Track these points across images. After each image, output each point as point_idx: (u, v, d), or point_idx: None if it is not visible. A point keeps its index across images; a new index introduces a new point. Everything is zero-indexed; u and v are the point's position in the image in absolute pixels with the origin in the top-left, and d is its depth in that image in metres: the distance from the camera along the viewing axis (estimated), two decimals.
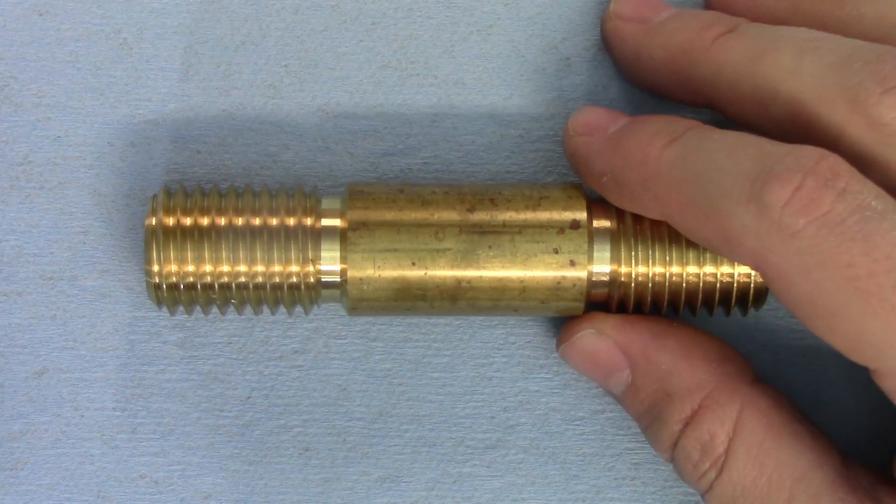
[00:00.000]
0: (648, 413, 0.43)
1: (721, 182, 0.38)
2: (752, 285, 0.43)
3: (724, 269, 0.43)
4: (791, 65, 0.40)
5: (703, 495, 0.42)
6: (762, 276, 0.39)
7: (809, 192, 0.37)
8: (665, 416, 0.42)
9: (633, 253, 0.43)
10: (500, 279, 0.43)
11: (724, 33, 0.42)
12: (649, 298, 0.43)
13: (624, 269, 0.43)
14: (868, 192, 0.37)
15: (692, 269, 0.43)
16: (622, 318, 0.44)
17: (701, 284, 0.43)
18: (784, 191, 0.37)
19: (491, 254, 0.43)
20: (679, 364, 0.43)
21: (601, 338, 0.44)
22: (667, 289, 0.43)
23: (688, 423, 0.42)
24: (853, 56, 0.39)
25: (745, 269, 0.43)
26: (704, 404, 0.42)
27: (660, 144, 0.41)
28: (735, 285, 0.43)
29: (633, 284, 0.43)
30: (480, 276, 0.43)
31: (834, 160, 0.37)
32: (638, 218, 0.43)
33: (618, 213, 0.44)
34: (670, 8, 0.45)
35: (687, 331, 0.44)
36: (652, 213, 0.41)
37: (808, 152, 0.38)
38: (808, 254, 0.37)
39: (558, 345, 0.45)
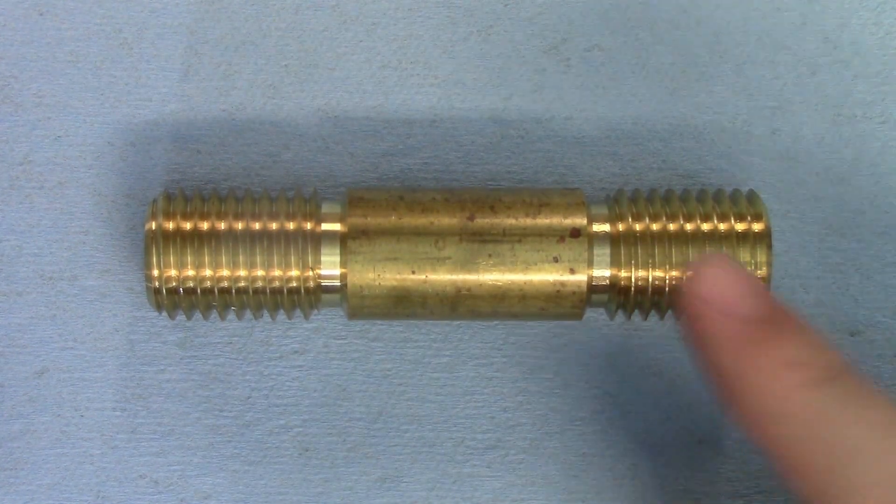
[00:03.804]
0: None
1: (863, 471, 0.34)
2: None
3: None
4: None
5: None
6: None
7: None
8: None
9: (632, 258, 0.43)
10: (500, 287, 0.43)
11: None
12: (649, 303, 0.43)
13: (624, 274, 0.43)
14: None
15: None
16: None
17: None
18: None
19: (491, 262, 0.42)
20: None
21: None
22: (667, 293, 0.43)
23: None
24: None
25: None
26: None
27: (795, 380, 0.35)
28: None
29: (632, 289, 0.43)
30: (480, 285, 0.43)
31: None
32: (638, 221, 0.43)
33: (618, 217, 0.44)
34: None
35: None
36: (754, 439, 0.36)
37: None
38: None
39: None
